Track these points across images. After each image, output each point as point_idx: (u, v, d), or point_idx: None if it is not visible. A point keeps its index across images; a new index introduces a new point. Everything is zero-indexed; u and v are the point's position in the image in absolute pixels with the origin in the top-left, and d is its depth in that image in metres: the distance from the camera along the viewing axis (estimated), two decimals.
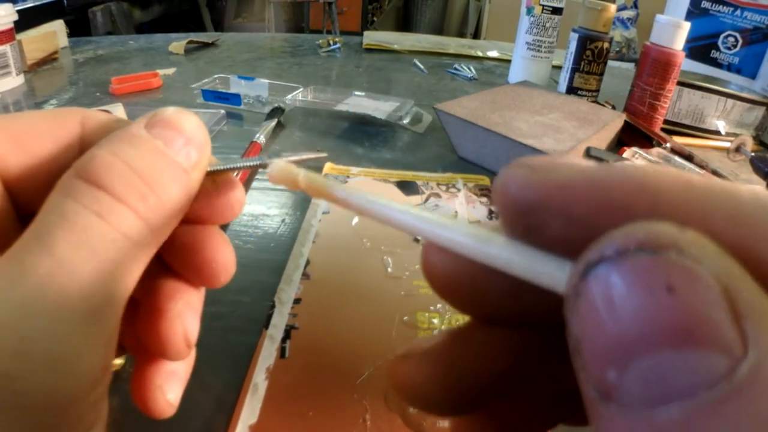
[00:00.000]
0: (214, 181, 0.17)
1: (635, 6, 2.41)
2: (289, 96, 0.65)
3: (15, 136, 0.16)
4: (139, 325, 0.17)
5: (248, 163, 0.18)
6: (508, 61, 0.89)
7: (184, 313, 0.17)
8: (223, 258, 0.18)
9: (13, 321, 0.12)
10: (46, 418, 0.12)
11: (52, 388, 0.12)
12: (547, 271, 0.10)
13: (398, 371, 0.13)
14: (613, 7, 0.69)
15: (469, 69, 0.89)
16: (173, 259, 0.18)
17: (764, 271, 0.08)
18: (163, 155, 0.15)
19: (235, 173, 0.18)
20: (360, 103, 0.66)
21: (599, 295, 0.08)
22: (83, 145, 0.17)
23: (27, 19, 0.77)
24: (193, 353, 0.19)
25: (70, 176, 0.14)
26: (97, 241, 0.13)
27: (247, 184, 0.46)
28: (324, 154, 0.22)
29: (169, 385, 0.18)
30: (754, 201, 0.08)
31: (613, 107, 0.67)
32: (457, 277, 0.12)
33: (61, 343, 0.12)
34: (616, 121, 0.59)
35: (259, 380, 0.27)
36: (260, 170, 0.19)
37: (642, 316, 0.07)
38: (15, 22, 0.67)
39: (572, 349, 0.09)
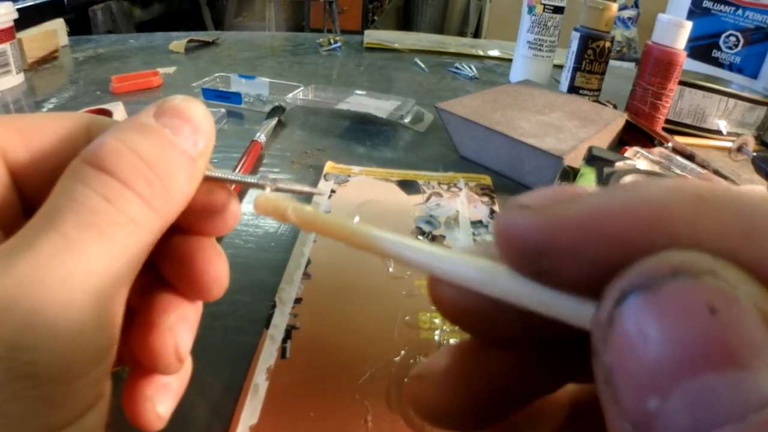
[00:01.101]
0: (209, 191, 0.17)
1: (636, 5, 2.41)
2: (290, 95, 0.65)
3: (22, 131, 0.16)
4: (132, 337, 0.17)
5: (245, 179, 0.18)
6: (510, 60, 0.88)
7: (177, 326, 0.17)
8: (214, 271, 0.18)
9: (23, 295, 0.12)
10: (51, 389, 0.12)
11: (58, 359, 0.12)
12: (562, 305, 0.10)
13: (414, 393, 0.13)
14: (614, 6, 0.69)
15: (470, 68, 0.89)
16: (168, 270, 0.18)
17: None
18: (171, 144, 0.15)
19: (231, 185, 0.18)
20: (361, 101, 0.66)
21: (635, 323, 0.08)
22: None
23: (27, 18, 0.77)
24: (188, 367, 0.19)
25: (79, 161, 0.14)
26: (105, 222, 0.13)
27: (244, 188, 0.46)
28: (319, 192, 0.22)
29: (160, 397, 0.18)
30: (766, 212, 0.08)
31: (615, 107, 0.67)
32: (465, 306, 0.12)
33: (68, 318, 0.12)
34: (617, 121, 0.59)
35: (260, 381, 0.27)
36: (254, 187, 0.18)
37: (684, 339, 0.07)
38: (15, 21, 0.67)
39: (602, 381, 0.08)
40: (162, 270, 0.18)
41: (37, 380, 0.12)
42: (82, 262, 0.13)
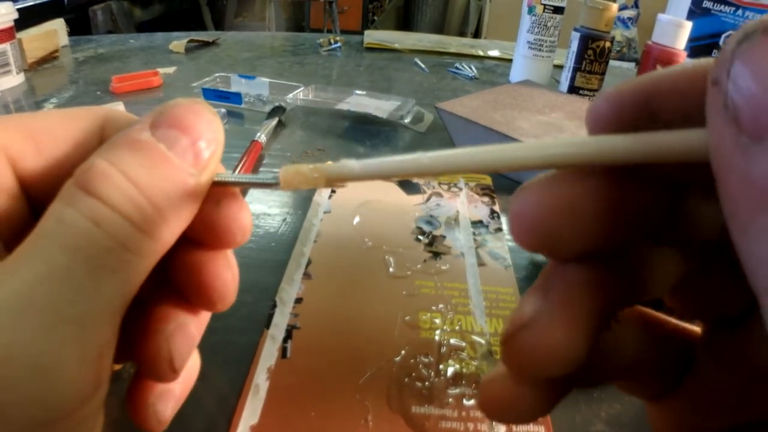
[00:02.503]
0: (217, 203, 0.16)
1: (636, 5, 2.41)
2: (290, 95, 0.65)
3: (33, 136, 0.16)
4: (134, 341, 0.16)
5: (258, 180, 0.16)
6: (510, 61, 0.88)
7: (175, 335, 0.16)
8: (221, 285, 0.17)
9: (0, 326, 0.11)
10: None
11: (38, 400, 0.11)
12: (672, 138, 0.10)
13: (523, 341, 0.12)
14: (614, 7, 0.69)
15: (470, 68, 0.89)
16: (175, 277, 0.17)
17: None
18: (165, 161, 0.14)
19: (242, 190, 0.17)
20: (361, 102, 0.66)
21: (759, 55, 0.08)
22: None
23: (27, 18, 0.77)
24: (194, 372, 0.19)
25: (70, 184, 0.13)
26: (92, 248, 0.12)
27: (244, 190, 0.46)
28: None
29: (162, 404, 0.17)
30: None
31: None
32: (552, 215, 0.12)
33: (49, 352, 0.11)
34: None
35: (261, 381, 0.27)
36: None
37: None
38: (15, 21, 0.67)
39: (720, 106, 0.09)
40: (170, 276, 0.17)
41: (11, 424, 0.11)
42: (67, 290, 0.12)
